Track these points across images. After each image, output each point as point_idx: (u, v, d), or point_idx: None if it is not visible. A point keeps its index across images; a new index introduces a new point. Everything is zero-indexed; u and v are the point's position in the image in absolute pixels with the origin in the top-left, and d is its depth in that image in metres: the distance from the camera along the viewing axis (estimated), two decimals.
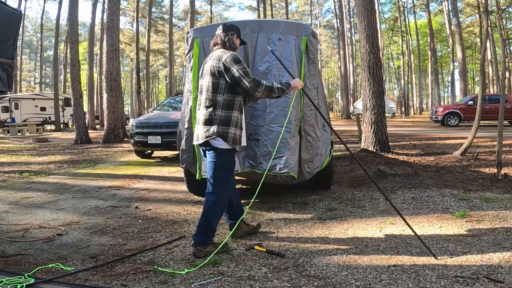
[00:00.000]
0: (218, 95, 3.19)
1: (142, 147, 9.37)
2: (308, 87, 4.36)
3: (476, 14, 32.47)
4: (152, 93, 61.01)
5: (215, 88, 3.20)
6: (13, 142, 17.41)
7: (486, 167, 6.70)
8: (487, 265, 2.74)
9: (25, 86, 55.08)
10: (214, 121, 3.17)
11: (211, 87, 3.21)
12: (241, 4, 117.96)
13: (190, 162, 4.71)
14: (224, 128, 3.16)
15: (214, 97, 3.20)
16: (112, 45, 15.24)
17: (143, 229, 3.94)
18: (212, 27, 5.14)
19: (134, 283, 2.68)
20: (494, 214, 3.99)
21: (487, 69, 33.42)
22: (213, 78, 3.20)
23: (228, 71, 3.15)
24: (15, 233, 3.88)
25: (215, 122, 3.17)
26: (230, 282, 2.66)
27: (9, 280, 2.62)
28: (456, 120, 19.37)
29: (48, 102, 28.72)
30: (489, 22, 10.95)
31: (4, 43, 3.67)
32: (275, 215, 4.29)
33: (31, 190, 6.19)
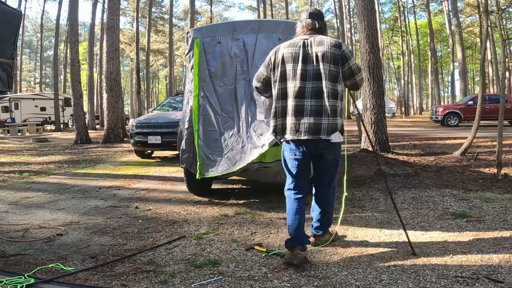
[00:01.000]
0: (338, 85, 2.96)
1: (142, 147, 9.37)
2: None
3: (476, 14, 32.49)
4: (152, 93, 61.02)
5: (335, 77, 2.94)
6: (13, 142, 17.41)
7: (486, 167, 6.70)
8: (487, 265, 2.74)
9: (25, 86, 55.08)
10: (339, 113, 2.96)
11: (330, 75, 2.92)
12: (241, 4, 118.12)
13: (190, 162, 4.71)
14: (342, 121, 3.05)
15: (335, 86, 2.94)
16: (112, 45, 15.24)
17: (143, 229, 3.94)
18: (212, 27, 5.15)
19: (134, 283, 2.68)
20: (494, 213, 3.99)
21: (487, 69, 33.43)
22: (334, 66, 2.94)
23: (347, 61, 2.97)
24: (15, 233, 3.88)
25: (339, 114, 2.97)
26: (230, 282, 2.66)
27: (9, 280, 2.61)
28: (456, 120, 19.38)
29: (48, 102, 28.72)
30: (489, 22, 10.95)
31: (4, 43, 3.67)
32: (275, 215, 4.29)
33: (31, 190, 6.19)
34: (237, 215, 4.32)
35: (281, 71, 3.01)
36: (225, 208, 4.63)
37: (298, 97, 2.95)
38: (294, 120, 2.96)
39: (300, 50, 2.99)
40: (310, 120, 2.92)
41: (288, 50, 3.03)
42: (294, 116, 2.95)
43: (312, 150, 3.02)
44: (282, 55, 3.03)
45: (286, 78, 3.00)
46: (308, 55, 2.97)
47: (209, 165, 4.39)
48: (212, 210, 4.59)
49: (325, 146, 2.99)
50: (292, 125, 2.96)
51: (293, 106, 2.95)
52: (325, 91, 2.90)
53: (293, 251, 2.89)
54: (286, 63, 3.00)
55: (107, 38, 15.44)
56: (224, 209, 4.60)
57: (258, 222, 4.05)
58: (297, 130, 2.95)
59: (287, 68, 3.00)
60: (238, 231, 3.78)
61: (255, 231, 3.77)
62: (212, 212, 4.52)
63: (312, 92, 2.92)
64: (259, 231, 3.77)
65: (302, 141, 2.95)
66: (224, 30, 4.76)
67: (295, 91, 2.95)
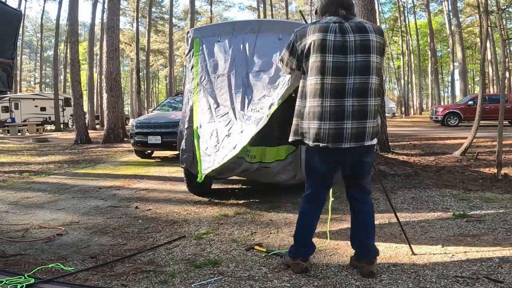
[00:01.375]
0: (379, 80, 2.56)
1: (142, 147, 9.38)
2: None
3: (476, 14, 32.49)
4: (152, 93, 61.01)
5: (379, 71, 2.53)
6: (13, 142, 17.41)
7: (486, 167, 6.70)
8: (487, 265, 2.74)
9: (25, 86, 55.07)
10: (379, 114, 2.58)
11: (376, 68, 2.50)
12: (241, 4, 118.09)
13: (190, 162, 4.71)
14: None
15: (378, 81, 2.53)
16: (112, 45, 15.25)
17: (143, 229, 3.94)
18: (212, 27, 5.16)
19: (134, 283, 2.68)
20: (494, 213, 3.99)
21: (487, 69, 33.42)
22: (379, 57, 2.51)
23: (384, 51, 2.61)
24: (15, 233, 3.87)
25: (379, 115, 2.59)
26: (230, 282, 2.66)
27: (9, 280, 2.61)
28: (456, 120, 19.38)
29: (48, 102, 28.72)
30: (489, 22, 10.95)
31: (4, 43, 3.67)
32: (275, 215, 4.29)
33: (31, 190, 6.19)
34: (237, 215, 4.32)
35: (312, 63, 2.49)
36: (225, 208, 4.63)
37: (336, 96, 2.45)
38: (331, 125, 2.47)
39: (334, 36, 2.46)
40: (353, 125, 2.46)
41: (319, 36, 2.46)
42: (330, 120, 2.46)
43: (351, 158, 2.61)
44: (312, 42, 2.47)
45: (319, 71, 2.46)
46: (348, 43, 2.46)
47: (207, 161, 4.24)
48: (212, 210, 4.59)
49: (365, 151, 2.61)
50: (328, 131, 2.48)
51: (329, 107, 2.46)
52: (371, 88, 2.48)
53: (294, 260, 2.76)
54: (317, 53, 2.46)
55: (107, 38, 15.45)
56: (224, 209, 4.60)
57: (258, 222, 4.05)
58: (335, 138, 2.47)
59: (318, 60, 2.46)
60: (238, 231, 3.77)
61: (255, 231, 3.77)
62: (212, 212, 4.52)
63: (354, 90, 2.45)
64: (259, 231, 3.77)
65: (342, 149, 2.52)
66: (224, 30, 4.76)
67: (331, 88, 2.45)
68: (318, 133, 2.51)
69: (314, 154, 2.65)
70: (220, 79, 4.54)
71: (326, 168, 2.67)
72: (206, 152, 4.21)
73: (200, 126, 4.37)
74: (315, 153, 2.63)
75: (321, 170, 2.68)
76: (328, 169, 2.69)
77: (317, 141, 2.53)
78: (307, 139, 2.60)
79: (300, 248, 2.78)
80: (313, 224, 2.79)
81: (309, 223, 2.77)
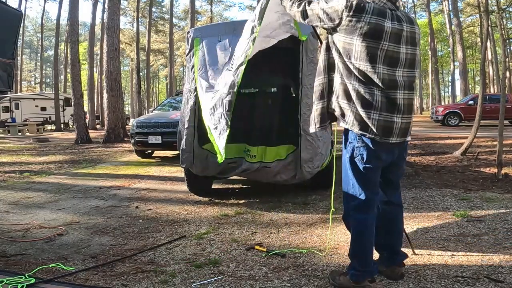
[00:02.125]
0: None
1: (143, 147, 9.38)
2: (306, 86, 4.37)
3: (477, 14, 32.46)
4: (153, 93, 61.03)
5: (419, 62, 2.41)
6: (14, 142, 17.41)
7: (487, 167, 6.69)
8: (488, 265, 2.74)
9: (25, 86, 55.09)
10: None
11: (416, 61, 2.38)
12: (241, 4, 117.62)
13: (190, 161, 4.71)
14: None
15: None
16: (112, 45, 15.25)
17: (143, 229, 3.94)
18: (212, 27, 5.16)
19: (134, 283, 2.68)
20: (494, 213, 3.99)
21: (488, 69, 33.42)
22: (419, 49, 2.39)
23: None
24: (15, 233, 3.88)
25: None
26: (230, 282, 2.66)
27: (9, 280, 2.62)
28: (457, 120, 19.36)
29: (49, 102, 28.74)
30: (490, 21, 10.94)
31: (5, 43, 3.67)
32: (275, 215, 4.29)
33: (32, 190, 6.19)
34: (238, 215, 4.32)
35: (367, 46, 2.20)
36: (225, 208, 4.63)
37: (390, 87, 2.25)
38: (384, 117, 2.24)
39: (390, 24, 2.24)
40: (403, 119, 2.30)
41: (378, 20, 2.21)
42: (381, 110, 2.24)
43: (394, 155, 2.42)
44: (368, 23, 2.19)
45: (373, 58, 2.21)
46: (402, 33, 2.28)
47: (217, 137, 4.08)
48: (212, 210, 4.59)
49: (405, 147, 2.49)
50: (383, 123, 2.24)
51: (383, 97, 2.24)
52: (414, 82, 2.37)
53: (360, 283, 2.38)
54: (373, 38, 2.20)
55: (108, 38, 15.45)
56: (225, 209, 4.60)
57: (259, 222, 4.05)
58: (388, 131, 2.26)
59: (374, 46, 2.21)
60: (238, 231, 3.77)
61: (255, 231, 3.77)
62: (212, 212, 4.52)
63: (405, 82, 2.30)
64: (260, 231, 3.77)
65: (391, 144, 2.32)
66: (225, 29, 4.76)
67: (385, 78, 2.24)
68: (365, 122, 2.24)
69: (360, 151, 2.32)
70: (216, 70, 4.48)
71: (375, 164, 2.35)
72: (212, 128, 4.02)
73: (203, 110, 4.26)
74: (362, 150, 2.32)
75: (369, 172, 2.35)
76: (378, 169, 2.39)
77: (364, 130, 2.25)
78: (350, 124, 2.30)
79: (367, 268, 2.38)
80: (372, 239, 2.42)
81: (370, 235, 2.40)
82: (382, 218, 2.51)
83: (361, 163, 2.33)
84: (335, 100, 2.35)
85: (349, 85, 2.27)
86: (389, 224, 2.55)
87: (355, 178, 2.37)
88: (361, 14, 2.19)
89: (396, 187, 2.59)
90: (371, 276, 2.41)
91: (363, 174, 2.34)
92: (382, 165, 2.39)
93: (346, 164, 2.41)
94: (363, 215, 2.37)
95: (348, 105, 2.28)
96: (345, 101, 2.29)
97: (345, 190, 2.46)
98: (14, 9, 4.10)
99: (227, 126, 3.67)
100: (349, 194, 2.41)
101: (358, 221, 2.40)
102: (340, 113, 2.33)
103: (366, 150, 2.30)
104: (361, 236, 2.39)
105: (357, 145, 2.32)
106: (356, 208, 2.39)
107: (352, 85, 2.25)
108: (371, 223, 2.39)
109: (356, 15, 2.20)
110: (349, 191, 2.41)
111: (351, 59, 2.24)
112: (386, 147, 2.32)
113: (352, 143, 2.34)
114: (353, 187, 2.38)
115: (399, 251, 2.59)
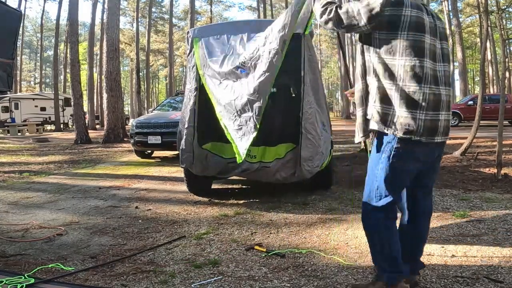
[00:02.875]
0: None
1: (142, 147, 9.38)
2: (308, 84, 4.38)
3: (476, 14, 32.47)
4: (152, 93, 60.99)
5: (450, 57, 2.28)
6: (13, 142, 17.41)
7: (486, 167, 6.70)
8: (487, 265, 2.74)
9: (25, 86, 55.06)
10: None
11: (449, 56, 2.30)
12: (241, 4, 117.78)
13: (190, 161, 4.71)
14: None
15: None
16: (112, 45, 15.26)
17: (143, 229, 3.94)
18: (212, 27, 5.17)
19: (134, 283, 2.68)
20: (494, 214, 3.99)
21: (487, 69, 33.39)
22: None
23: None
24: (15, 233, 3.88)
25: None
26: (230, 282, 2.66)
27: (9, 280, 2.61)
28: (456, 120, 19.36)
29: (48, 102, 28.74)
30: (489, 22, 10.95)
31: (4, 43, 3.67)
32: (275, 215, 4.29)
33: (31, 190, 6.19)
34: (237, 215, 4.32)
35: (414, 40, 2.10)
36: (225, 208, 4.63)
37: (433, 83, 2.13)
38: (430, 116, 2.12)
39: (427, 17, 2.17)
40: (446, 116, 2.18)
41: (417, 13, 2.13)
42: (428, 109, 2.11)
43: (434, 156, 2.32)
44: (410, 16, 2.10)
45: (417, 52, 2.11)
46: (437, 27, 2.21)
47: (239, 137, 4.03)
48: (212, 210, 4.59)
49: (444, 146, 2.38)
50: (429, 123, 2.12)
51: (430, 94, 2.11)
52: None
53: (397, 286, 2.25)
54: (418, 31, 2.11)
55: (107, 38, 15.46)
56: (224, 209, 4.60)
57: (258, 222, 4.05)
58: (430, 130, 2.13)
59: (419, 39, 2.11)
60: (238, 231, 3.77)
61: (255, 231, 3.77)
62: (212, 212, 4.52)
63: (444, 77, 2.20)
64: (259, 231, 3.77)
65: (436, 144, 2.20)
66: (224, 30, 4.77)
67: (430, 74, 2.13)
68: (411, 124, 2.09)
69: (401, 152, 2.16)
70: (218, 61, 4.46)
71: (412, 167, 2.23)
72: (235, 128, 4.06)
73: (219, 111, 4.29)
74: (403, 152, 2.16)
75: (405, 174, 2.23)
76: (413, 169, 2.25)
77: (409, 133, 2.10)
78: (392, 130, 2.14)
79: (399, 268, 2.27)
80: (398, 239, 2.30)
81: (395, 235, 2.30)
82: (409, 225, 2.43)
83: (398, 165, 2.18)
84: (372, 105, 2.21)
85: (391, 86, 2.13)
86: (414, 231, 2.43)
87: (383, 180, 2.23)
88: (401, 8, 2.10)
89: (429, 192, 2.46)
90: (407, 276, 2.32)
91: (395, 178, 2.22)
92: (417, 170, 2.26)
93: (377, 164, 2.25)
94: (387, 215, 2.28)
95: (388, 109, 2.15)
96: (385, 105, 2.16)
97: (368, 191, 2.33)
98: (14, 9, 4.10)
99: (255, 129, 3.80)
100: (372, 196, 2.29)
101: (383, 222, 2.28)
102: (380, 119, 2.17)
103: (405, 153, 2.15)
104: (387, 236, 2.28)
105: (396, 146, 2.16)
106: (379, 209, 2.27)
107: (396, 86, 2.12)
108: (394, 223, 2.31)
109: (397, 9, 2.11)
110: (373, 192, 2.29)
111: (396, 55, 2.12)
112: (429, 148, 2.20)
113: (391, 143, 2.17)
114: (378, 189, 2.26)
115: (418, 260, 2.48)
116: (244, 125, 3.94)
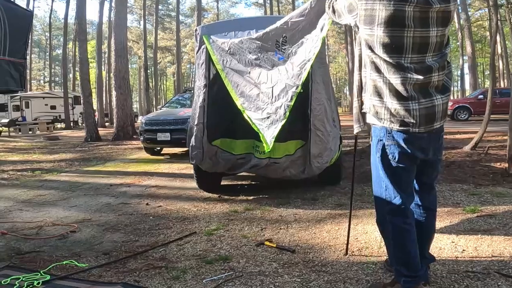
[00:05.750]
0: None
1: (152, 144, 9.44)
2: (316, 81, 4.38)
3: (485, 8, 32.05)
4: (160, 90, 61.27)
5: (447, 44, 2.18)
6: (24, 140, 17.60)
7: (497, 162, 6.64)
8: (498, 260, 2.74)
9: (35, 85, 55.62)
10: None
11: (444, 42, 2.16)
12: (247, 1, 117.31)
13: (200, 158, 4.74)
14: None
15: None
16: (120, 43, 15.33)
17: (154, 226, 3.99)
18: (219, 24, 5.18)
19: (146, 279, 2.72)
20: (505, 209, 3.97)
21: (497, 63, 33.01)
22: (447, 29, 2.13)
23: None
24: (29, 231, 3.94)
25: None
26: (240, 277, 2.68)
27: (25, 277, 2.68)
28: (466, 114, 19.14)
29: (58, 100, 28.97)
30: (499, 15, 10.81)
31: (16, 43, 3.72)
32: (284, 211, 4.31)
33: (44, 188, 6.27)
34: (247, 211, 4.35)
35: (388, 35, 2.06)
36: (234, 204, 4.66)
37: (420, 72, 2.08)
38: (424, 104, 2.07)
39: (414, 7, 2.02)
40: (445, 99, 2.12)
41: (396, 6, 2.01)
42: (419, 98, 2.06)
43: (434, 144, 2.21)
44: (385, 10, 2.01)
45: (398, 48, 2.06)
46: (429, 13, 2.05)
47: (267, 127, 3.98)
48: (222, 206, 4.62)
49: (440, 143, 2.28)
50: (425, 111, 2.07)
51: (414, 84, 2.05)
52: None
53: None
54: (394, 26, 2.06)
55: (115, 36, 15.54)
56: (234, 205, 4.63)
57: (268, 218, 4.07)
58: (431, 117, 2.08)
59: (398, 34, 2.06)
60: (248, 227, 3.80)
61: (265, 226, 3.80)
62: (222, 208, 4.55)
63: (438, 64, 2.11)
64: (269, 226, 3.79)
65: (434, 130, 2.14)
66: (232, 27, 4.78)
67: (412, 66, 2.07)
68: (405, 115, 2.05)
69: (393, 146, 2.12)
70: (240, 54, 4.41)
71: (409, 162, 2.16)
72: (262, 117, 4.04)
73: (242, 103, 4.22)
74: (393, 145, 2.12)
75: (405, 169, 2.17)
76: (414, 165, 2.19)
77: (406, 125, 2.06)
78: (388, 123, 2.11)
79: (418, 272, 2.21)
80: (415, 241, 2.22)
81: (413, 237, 2.21)
82: (415, 223, 2.34)
83: (393, 162, 2.14)
84: (368, 98, 2.19)
85: (379, 79, 2.09)
86: (421, 229, 2.35)
87: (388, 179, 2.18)
88: (375, 2, 2.03)
89: (430, 189, 2.41)
90: (425, 280, 2.28)
91: (397, 175, 2.17)
92: (416, 163, 2.19)
93: (376, 164, 2.23)
94: (402, 218, 2.19)
95: (381, 102, 2.10)
96: (379, 98, 2.12)
97: (377, 194, 2.28)
98: (25, 9, 4.16)
99: (284, 116, 3.83)
100: (383, 197, 2.23)
101: (397, 225, 2.20)
102: (374, 112, 2.15)
103: (398, 148, 2.11)
104: (403, 240, 2.19)
105: (387, 143, 2.13)
106: (392, 212, 2.20)
107: (384, 79, 2.07)
108: (411, 224, 2.22)
109: (372, 3, 2.04)
110: (382, 194, 2.23)
111: (375, 50, 2.09)
112: (427, 138, 2.12)
113: (382, 141, 2.15)
114: (387, 190, 2.20)
115: (426, 255, 2.42)
116: (273, 113, 3.95)
